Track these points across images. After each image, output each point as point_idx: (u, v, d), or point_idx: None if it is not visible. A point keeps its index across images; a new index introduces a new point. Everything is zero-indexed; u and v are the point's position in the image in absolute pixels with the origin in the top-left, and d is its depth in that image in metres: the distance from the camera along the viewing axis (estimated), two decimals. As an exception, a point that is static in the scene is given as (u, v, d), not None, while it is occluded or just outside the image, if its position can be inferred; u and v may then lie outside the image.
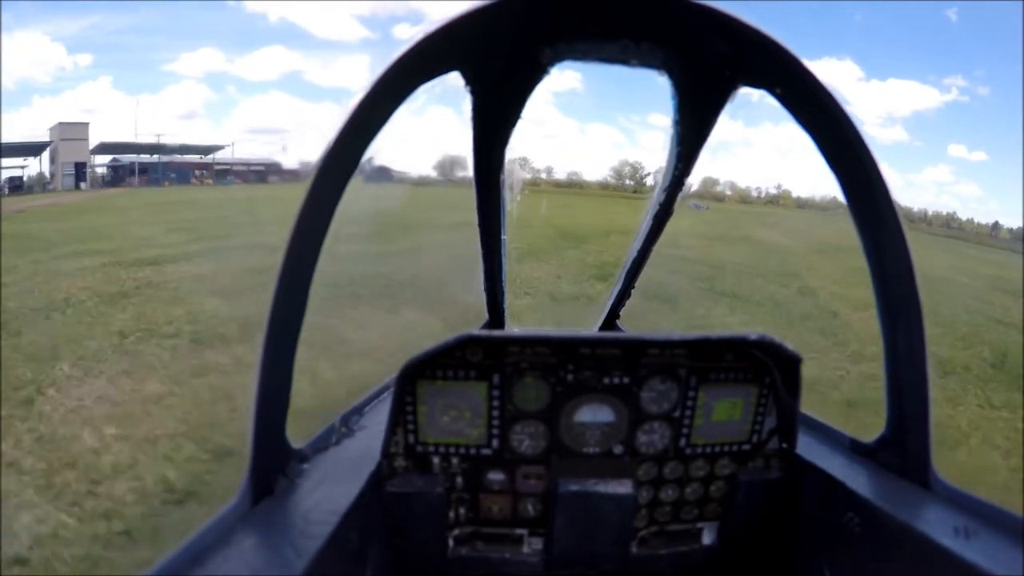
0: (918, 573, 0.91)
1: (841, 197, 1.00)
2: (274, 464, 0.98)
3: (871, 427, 1.15)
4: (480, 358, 1.17)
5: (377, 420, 1.30)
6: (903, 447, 1.07)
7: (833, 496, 1.10)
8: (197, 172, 49.17)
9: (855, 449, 1.20)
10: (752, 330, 1.14)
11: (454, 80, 0.92)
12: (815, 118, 0.94)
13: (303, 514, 0.92)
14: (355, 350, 5.23)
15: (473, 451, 1.22)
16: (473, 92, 0.97)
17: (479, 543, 1.27)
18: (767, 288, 10.76)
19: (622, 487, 1.21)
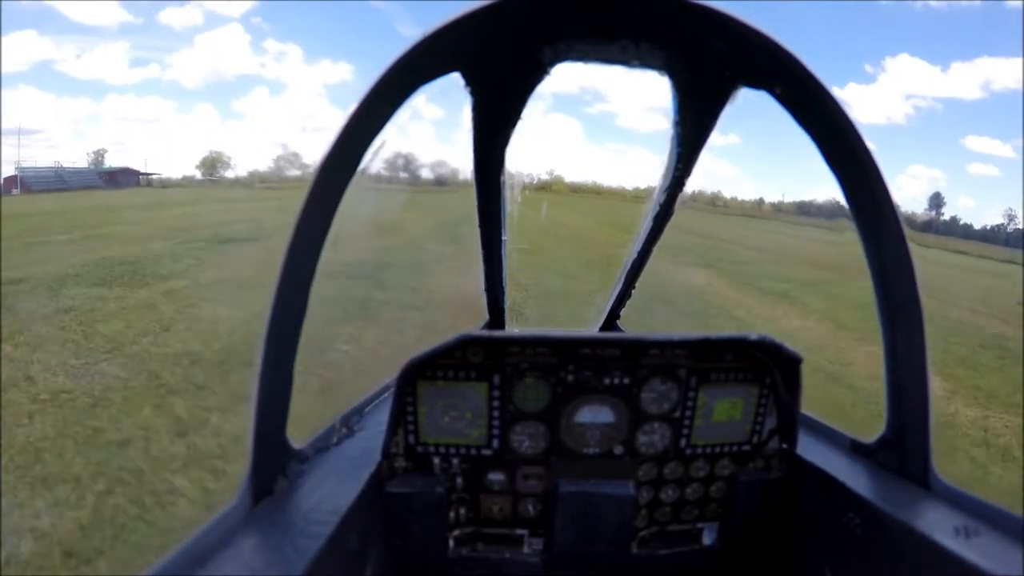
0: (918, 573, 0.91)
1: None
2: (274, 464, 0.98)
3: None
4: (480, 359, 1.17)
5: (377, 420, 1.30)
6: (903, 447, 1.07)
7: (833, 496, 1.10)
8: None
9: (855, 449, 1.20)
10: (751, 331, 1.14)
11: (455, 80, 0.92)
12: (815, 119, 0.94)
13: (303, 514, 0.92)
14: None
15: (473, 451, 1.22)
16: (473, 92, 0.97)
17: (479, 543, 1.27)
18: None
19: (622, 487, 1.21)
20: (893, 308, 1.03)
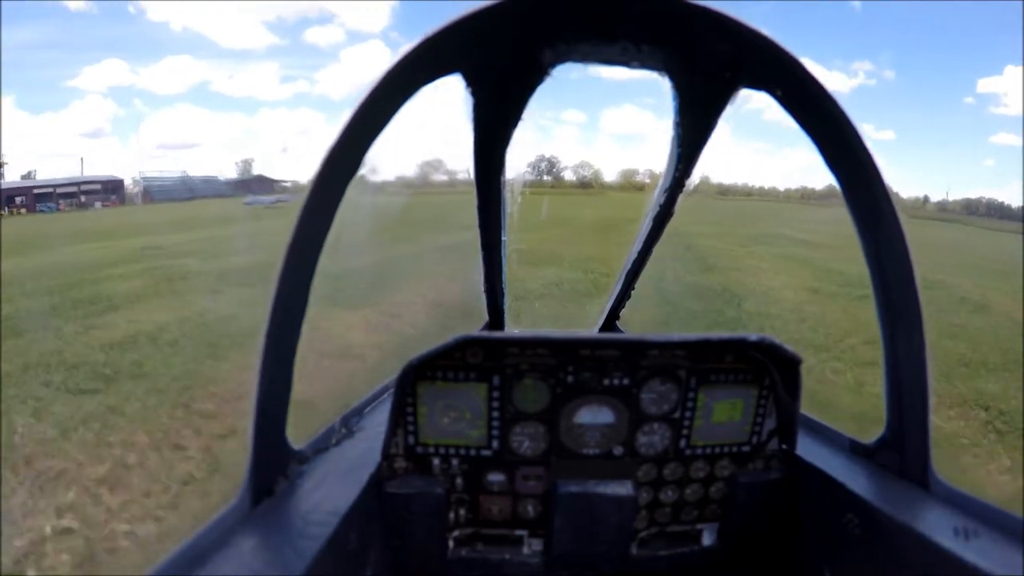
0: (918, 574, 0.91)
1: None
2: (274, 465, 0.98)
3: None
4: (480, 359, 1.17)
5: (377, 421, 1.30)
6: (903, 448, 1.08)
7: (833, 497, 1.10)
8: (18, 200, 41.98)
9: (855, 450, 1.20)
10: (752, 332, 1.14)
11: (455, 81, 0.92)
12: (815, 120, 0.94)
13: (303, 515, 0.92)
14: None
15: (473, 452, 1.22)
16: (474, 93, 0.97)
17: (479, 544, 1.27)
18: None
19: (622, 488, 1.21)
20: (893, 309, 1.03)
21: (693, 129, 1.14)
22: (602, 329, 2.18)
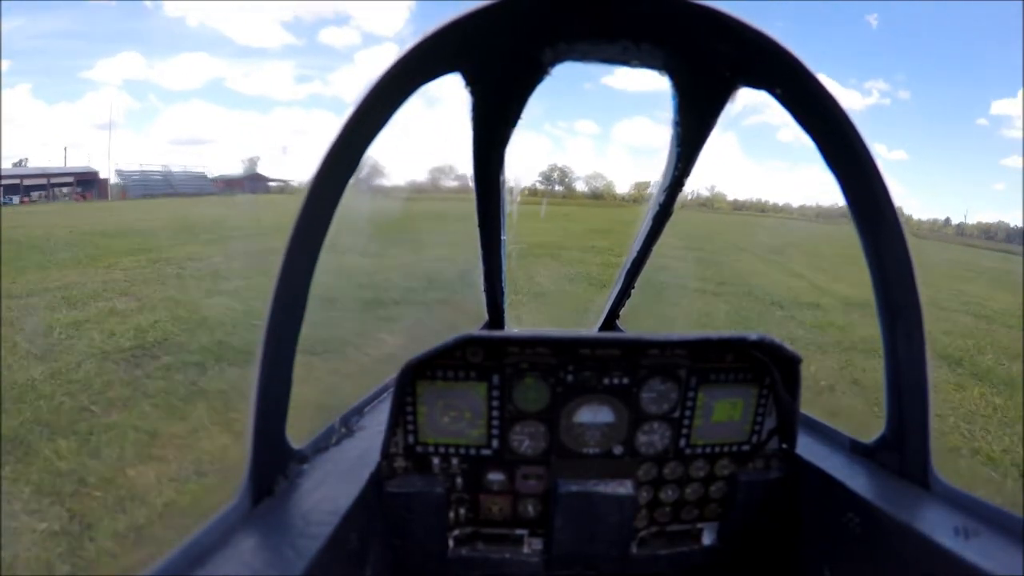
0: (918, 573, 0.91)
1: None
2: (274, 464, 0.98)
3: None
4: (480, 359, 1.17)
5: (377, 421, 1.30)
6: (903, 447, 1.08)
7: (833, 496, 1.10)
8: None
9: (855, 449, 1.20)
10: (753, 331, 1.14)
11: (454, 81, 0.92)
12: (815, 120, 0.94)
13: (303, 515, 0.92)
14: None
15: (473, 451, 1.22)
16: (473, 93, 0.97)
17: (479, 543, 1.27)
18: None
19: (622, 487, 1.21)
20: (893, 309, 1.03)
21: (692, 128, 1.14)
22: (602, 328, 2.18)
